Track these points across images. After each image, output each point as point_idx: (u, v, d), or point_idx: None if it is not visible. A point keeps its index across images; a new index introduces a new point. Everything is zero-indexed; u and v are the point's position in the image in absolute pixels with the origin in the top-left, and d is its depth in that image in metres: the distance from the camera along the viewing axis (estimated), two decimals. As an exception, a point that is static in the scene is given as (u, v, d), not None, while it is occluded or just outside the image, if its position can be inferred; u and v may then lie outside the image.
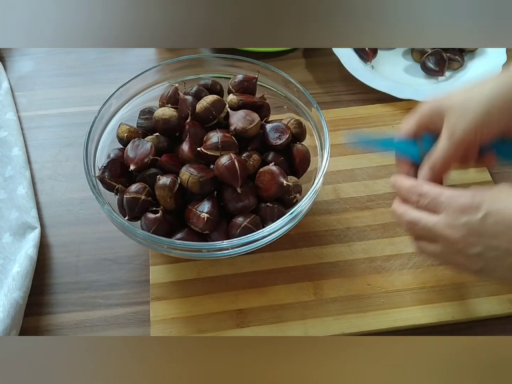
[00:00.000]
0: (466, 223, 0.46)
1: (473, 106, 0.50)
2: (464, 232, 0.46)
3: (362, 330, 0.57)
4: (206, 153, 0.56)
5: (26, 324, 0.57)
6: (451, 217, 0.46)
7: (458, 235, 0.46)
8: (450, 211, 0.47)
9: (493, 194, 0.46)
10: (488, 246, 0.45)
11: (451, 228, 0.46)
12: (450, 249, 0.47)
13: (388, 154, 0.56)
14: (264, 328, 0.57)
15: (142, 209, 0.55)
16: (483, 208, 0.45)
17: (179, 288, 0.60)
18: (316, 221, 0.64)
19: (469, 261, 0.47)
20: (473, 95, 0.50)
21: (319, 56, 0.82)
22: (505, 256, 0.45)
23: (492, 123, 0.50)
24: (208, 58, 0.68)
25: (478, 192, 0.47)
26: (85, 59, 0.82)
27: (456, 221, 0.46)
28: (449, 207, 0.47)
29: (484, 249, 0.45)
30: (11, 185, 0.67)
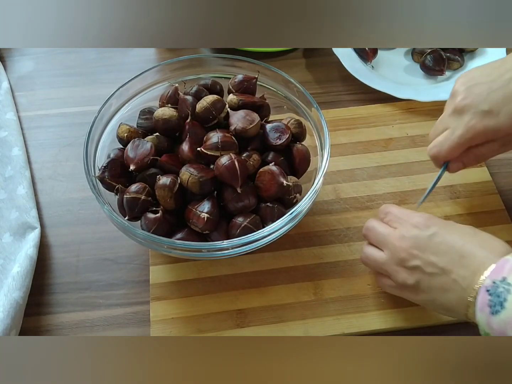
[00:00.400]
0: (415, 236, 0.51)
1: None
2: (411, 243, 0.50)
3: (362, 330, 0.57)
4: (206, 153, 0.56)
5: (26, 324, 0.57)
6: (404, 230, 0.52)
7: (404, 245, 0.51)
8: (405, 225, 0.52)
9: (445, 222, 0.52)
10: (427, 261, 0.49)
11: (401, 239, 0.51)
12: (393, 257, 0.52)
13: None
14: (264, 328, 0.57)
15: (142, 209, 0.55)
16: (433, 228, 0.50)
17: (179, 288, 0.60)
18: (316, 221, 0.64)
19: (407, 273, 0.51)
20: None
21: (319, 56, 0.82)
22: (439, 274, 0.49)
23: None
24: (208, 58, 0.68)
25: (434, 217, 0.52)
26: (85, 59, 0.82)
27: (406, 233, 0.51)
28: (405, 222, 0.52)
29: (422, 264, 0.50)
30: (11, 185, 0.67)
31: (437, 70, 0.77)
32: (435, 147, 0.57)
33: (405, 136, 0.72)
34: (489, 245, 0.48)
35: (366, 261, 0.56)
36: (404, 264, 0.51)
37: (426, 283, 0.50)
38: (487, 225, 0.64)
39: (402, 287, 0.52)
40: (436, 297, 0.50)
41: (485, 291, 0.44)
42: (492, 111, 0.53)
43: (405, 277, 0.51)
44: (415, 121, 0.73)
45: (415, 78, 0.79)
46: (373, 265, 0.55)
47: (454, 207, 0.65)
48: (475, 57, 0.79)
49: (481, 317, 0.44)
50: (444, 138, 0.56)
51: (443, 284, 0.48)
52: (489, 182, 0.67)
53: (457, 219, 0.64)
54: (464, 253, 0.48)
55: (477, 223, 0.64)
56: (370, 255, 0.55)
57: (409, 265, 0.50)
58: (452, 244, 0.49)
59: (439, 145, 0.56)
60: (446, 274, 0.48)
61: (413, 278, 0.50)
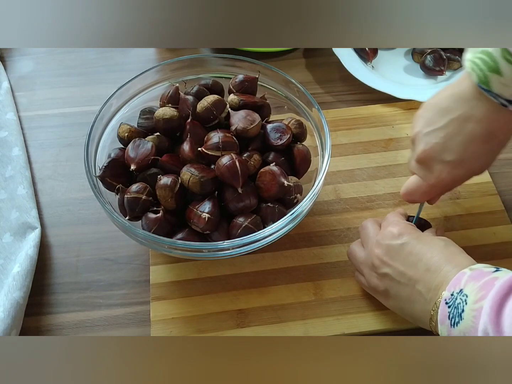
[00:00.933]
0: (388, 244, 0.52)
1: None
2: (384, 251, 0.52)
3: (362, 330, 0.57)
4: (207, 153, 0.56)
5: (26, 324, 0.57)
6: (380, 236, 0.53)
7: (378, 252, 0.52)
8: (383, 232, 0.53)
9: (419, 233, 0.53)
10: (396, 270, 0.51)
11: (377, 244, 0.53)
12: (368, 260, 0.54)
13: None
14: (265, 328, 0.57)
15: (143, 209, 0.55)
16: (405, 238, 0.51)
17: (179, 288, 0.60)
18: (317, 222, 0.64)
19: (378, 279, 0.53)
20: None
21: (319, 56, 0.82)
22: (406, 284, 0.50)
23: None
24: (208, 58, 0.68)
25: (412, 229, 0.53)
26: (85, 59, 0.82)
27: (382, 240, 0.53)
28: (385, 229, 0.54)
29: (391, 272, 0.51)
30: (11, 185, 0.67)
31: (437, 70, 0.77)
32: (406, 195, 0.57)
33: (405, 137, 0.72)
34: (456, 260, 0.49)
35: (348, 255, 0.59)
36: (375, 270, 0.53)
37: (394, 291, 0.51)
38: (487, 226, 0.64)
39: (373, 290, 0.55)
40: (403, 305, 0.51)
41: (445, 304, 0.45)
42: (457, 160, 0.52)
43: (376, 283, 0.53)
44: (415, 121, 0.73)
45: (415, 78, 0.79)
46: (353, 261, 0.58)
47: (454, 207, 0.65)
48: (475, 57, 0.79)
49: (441, 329, 0.46)
50: (415, 187, 0.56)
51: (409, 295, 0.50)
52: (489, 182, 0.67)
53: (457, 220, 0.64)
54: (430, 266, 0.49)
55: (477, 223, 0.64)
56: (352, 251, 0.58)
57: (379, 271, 0.52)
58: (420, 256, 0.50)
59: (410, 194, 0.57)
60: (412, 285, 0.49)
61: (383, 284, 0.52)
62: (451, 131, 0.51)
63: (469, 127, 0.50)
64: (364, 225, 0.57)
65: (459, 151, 0.52)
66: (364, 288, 0.58)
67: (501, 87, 0.47)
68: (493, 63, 0.47)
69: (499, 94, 0.47)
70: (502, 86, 0.47)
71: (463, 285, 0.45)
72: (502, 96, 0.47)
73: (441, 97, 0.53)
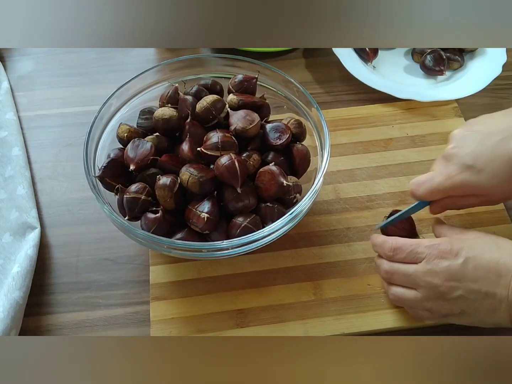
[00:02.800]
0: (447, 268, 0.49)
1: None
2: (446, 276, 0.49)
3: (362, 330, 0.57)
4: (206, 153, 0.56)
5: (26, 324, 0.57)
6: (432, 264, 0.50)
7: (440, 280, 0.50)
8: (431, 259, 0.50)
9: (469, 241, 0.50)
10: (469, 290, 0.49)
11: (432, 274, 0.50)
12: (432, 294, 0.51)
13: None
14: (264, 328, 0.57)
15: (142, 209, 0.55)
16: (463, 254, 0.49)
17: (179, 288, 0.60)
18: (316, 221, 0.64)
19: (450, 305, 0.50)
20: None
21: (319, 56, 0.82)
22: (484, 298, 0.49)
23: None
24: (208, 58, 0.68)
25: (456, 240, 0.51)
26: (85, 59, 0.82)
27: (436, 267, 0.50)
28: (430, 255, 0.50)
29: (465, 293, 0.49)
30: (11, 185, 0.67)
31: (437, 70, 0.77)
32: (414, 184, 0.56)
33: (405, 136, 0.72)
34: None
35: (398, 303, 0.55)
36: (445, 297, 0.50)
37: (472, 309, 0.50)
38: (487, 225, 0.64)
39: (445, 316, 0.52)
40: (483, 318, 0.50)
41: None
42: (474, 167, 0.51)
43: (450, 308, 0.51)
44: (415, 121, 0.73)
45: (415, 78, 0.79)
46: (408, 303, 0.54)
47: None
48: (475, 57, 0.79)
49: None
50: (425, 179, 0.55)
51: (489, 307, 0.49)
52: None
53: (457, 219, 0.64)
54: (501, 271, 0.48)
55: (477, 223, 0.64)
56: (402, 296, 0.53)
57: (451, 297, 0.50)
58: (487, 267, 0.49)
59: (418, 184, 0.56)
60: (492, 297, 0.48)
61: (457, 308, 0.50)
62: (486, 138, 0.51)
63: (505, 143, 0.50)
64: (389, 269, 0.53)
65: (484, 160, 0.51)
66: (427, 321, 0.55)
67: None
68: None
69: None
70: None
71: None
72: None
73: (498, 113, 0.54)
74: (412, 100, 0.74)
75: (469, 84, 0.75)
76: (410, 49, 0.82)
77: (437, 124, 0.73)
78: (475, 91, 0.74)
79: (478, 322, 0.51)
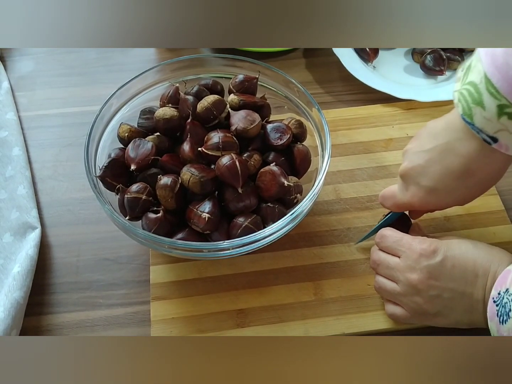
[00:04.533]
0: (427, 266, 0.50)
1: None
2: (425, 274, 0.50)
3: (362, 330, 0.57)
4: (207, 153, 0.56)
5: (26, 324, 0.57)
6: (411, 260, 0.51)
7: (418, 277, 0.50)
8: (410, 255, 0.51)
9: (448, 241, 0.51)
10: (446, 289, 0.49)
11: (411, 270, 0.51)
12: (410, 290, 0.51)
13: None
14: (265, 328, 0.57)
15: (143, 209, 0.55)
16: (441, 253, 0.50)
17: (180, 288, 0.60)
18: (317, 221, 0.64)
19: (427, 303, 0.50)
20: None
21: (319, 56, 0.82)
22: (461, 298, 0.49)
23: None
24: (208, 58, 0.68)
25: (436, 240, 0.51)
26: (85, 59, 0.82)
27: (415, 264, 0.50)
28: (410, 250, 0.51)
29: (442, 291, 0.50)
30: (11, 185, 0.67)
31: (437, 70, 0.77)
32: (380, 197, 0.58)
33: (405, 136, 0.72)
34: (494, 255, 0.49)
35: (378, 290, 0.56)
36: (422, 294, 0.50)
37: (449, 309, 0.50)
38: (487, 226, 0.64)
39: (420, 315, 0.52)
40: (460, 318, 0.50)
41: (493, 302, 0.46)
42: (429, 187, 0.52)
43: (426, 307, 0.51)
44: (415, 121, 0.73)
45: (415, 78, 0.79)
46: (386, 295, 0.55)
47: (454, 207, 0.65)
48: (475, 57, 0.79)
49: (491, 325, 0.46)
50: (389, 195, 0.57)
51: (466, 306, 0.49)
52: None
53: (457, 220, 0.64)
54: (478, 273, 0.49)
55: (477, 223, 0.64)
56: (382, 286, 0.54)
57: (427, 295, 0.50)
58: (465, 267, 0.49)
59: (384, 198, 0.58)
60: (468, 297, 0.49)
61: (434, 307, 0.50)
62: (433, 157, 0.51)
63: (449, 158, 0.49)
64: (376, 258, 0.55)
65: (435, 179, 0.51)
66: (395, 320, 0.55)
67: (483, 121, 0.45)
68: (477, 95, 0.45)
69: (481, 129, 0.46)
70: (484, 121, 0.45)
71: (509, 284, 0.44)
72: (484, 131, 0.45)
73: (439, 121, 0.52)
74: (412, 100, 0.74)
75: (469, 84, 0.75)
76: (410, 49, 0.82)
77: (437, 124, 0.73)
78: (475, 91, 0.74)
79: (455, 323, 0.51)
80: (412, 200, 0.54)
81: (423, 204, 0.54)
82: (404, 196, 0.55)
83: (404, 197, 0.55)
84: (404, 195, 0.55)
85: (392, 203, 0.57)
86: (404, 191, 0.55)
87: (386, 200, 0.57)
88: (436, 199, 0.53)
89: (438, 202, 0.53)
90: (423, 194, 0.52)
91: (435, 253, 0.50)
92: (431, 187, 0.51)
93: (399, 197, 0.55)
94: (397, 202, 0.56)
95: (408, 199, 0.54)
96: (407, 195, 0.54)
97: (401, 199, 0.55)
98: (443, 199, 0.53)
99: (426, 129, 0.53)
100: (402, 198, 0.55)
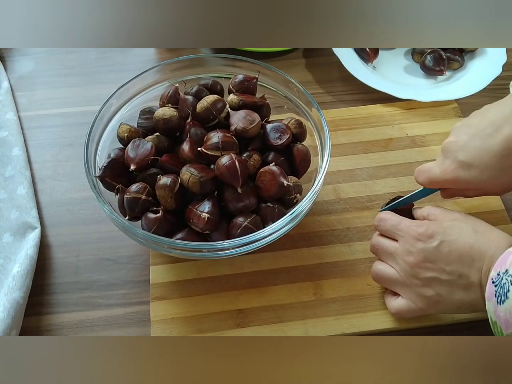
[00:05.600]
0: (422, 249, 0.51)
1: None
2: (421, 257, 0.51)
3: (362, 330, 0.57)
4: (206, 153, 0.56)
5: (26, 324, 0.57)
6: (408, 244, 0.52)
7: (415, 260, 0.51)
8: (408, 239, 0.52)
9: (447, 224, 0.51)
10: (442, 271, 0.50)
11: (408, 253, 0.51)
12: (407, 273, 0.52)
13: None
14: (264, 328, 0.57)
15: (142, 209, 0.55)
16: (438, 238, 0.50)
17: (179, 288, 0.60)
18: (317, 221, 0.64)
19: (424, 286, 0.51)
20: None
21: (319, 56, 0.82)
22: (458, 278, 0.49)
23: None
24: (208, 58, 0.68)
25: (433, 223, 0.52)
26: (85, 59, 0.82)
27: (412, 247, 0.51)
28: (407, 235, 0.52)
29: (439, 274, 0.50)
30: (11, 185, 0.67)
31: (437, 70, 0.77)
32: (417, 171, 0.58)
33: (405, 136, 0.72)
34: (492, 240, 0.49)
35: (377, 278, 0.56)
36: (419, 276, 0.51)
37: (448, 290, 0.50)
38: (487, 225, 0.64)
39: (421, 302, 0.52)
40: (461, 301, 0.50)
41: (491, 282, 0.45)
42: (465, 162, 0.53)
43: (424, 291, 0.51)
44: (415, 121, 0.73)
45: (415, 78, 0.79)
46: (385, 282, 0.55)
47: (454, 207, 0.65)
48: (475, 57, 0.79)
49: (489, 305, 0.46)
50: (426, 169, 0.57)
51: (464, 286, 0.49)
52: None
53: (457, 219, 0.64)
54: (474, 257, 0.49)
55: (477, 223, 0.64)
56: (379, 271, 0.55)
57: (424, 277, 0.51)
58: (461, 251, 0.49)
59: (419, 172, 0.58)
60: (465, 278, 0.49)
61: (432, 290, 0.51)
62: (477, 132, 0.52)
63: (492, 135, 0.51)
64: (375, 243, 0.56)
65: (472, 155, 0.52)
66: (396, 313, 0.55)
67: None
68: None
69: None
70: None
71: (509, 265, 0.45)
72: None
73: (493, 104, 0.54)
74: (412, 100, 0.74)
75: (469, 84, 0.75)
76: (410, 49, 0.82)
77: (437, 124, 0.73)
78: (475, 91, 0.74)
79: (457, 308, 0.51)
80: (445, 175, 0.54)
81: (455, 180, 0.54)
82: (438, 168, 0.55)
83: (438, 169, 0.55)
84: (439, 167, 0.55)
85: (425, 177, 0.57)
86: (440, 164, 0.55)
87: (420, 173, 0.57)
88: (469, 175, 0.53)
89: (469, 179, 0.53)
90: (457, 168, 0.53)
91: (432, 238, 0.51)
92: (467, 162, 0.52)
93: (433, 170, 0.56)
94: (431, 176, 0.56)
95: (441, 172, 0.54)
96: (441, 168, 0.55)
97: (434, 173, 0.55)
98: (475, 177, 0.53)
99: (478, 111, 0.55)
100: (435, 172, 0.55)
